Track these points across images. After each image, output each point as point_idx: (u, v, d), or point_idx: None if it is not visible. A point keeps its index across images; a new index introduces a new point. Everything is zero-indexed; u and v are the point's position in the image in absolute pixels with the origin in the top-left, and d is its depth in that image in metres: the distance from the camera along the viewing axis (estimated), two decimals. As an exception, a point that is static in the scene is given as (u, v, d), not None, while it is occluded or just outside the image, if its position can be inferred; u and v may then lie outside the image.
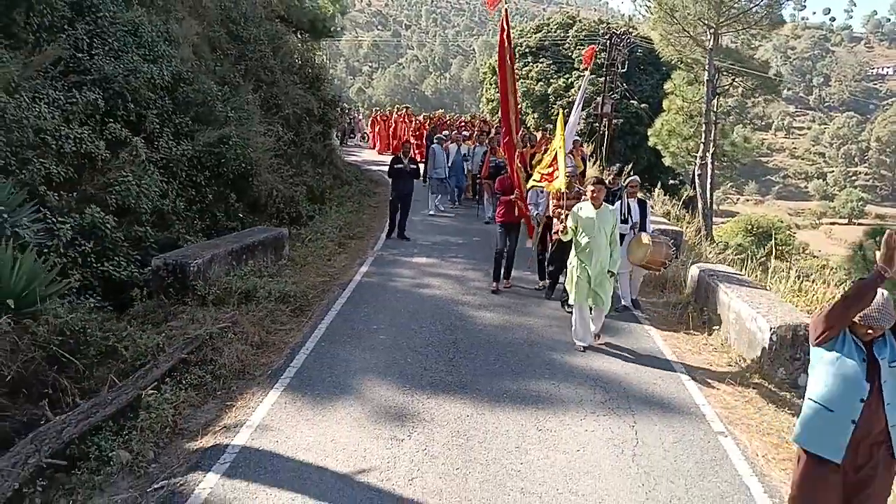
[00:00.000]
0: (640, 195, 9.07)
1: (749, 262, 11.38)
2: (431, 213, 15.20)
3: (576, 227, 7.24)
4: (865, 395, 3.34)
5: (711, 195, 28.11)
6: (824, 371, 3.50)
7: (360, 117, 37.15)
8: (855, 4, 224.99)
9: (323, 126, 19.19)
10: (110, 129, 9.96)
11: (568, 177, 8.47)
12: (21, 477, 4.37)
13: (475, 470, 4.77)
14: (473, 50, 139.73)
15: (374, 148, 28.66)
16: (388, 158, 14.62)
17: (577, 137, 14.84)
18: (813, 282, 14.39)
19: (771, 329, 6.50)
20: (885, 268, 3.23)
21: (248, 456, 4.84)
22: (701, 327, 8.26)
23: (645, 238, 8.34)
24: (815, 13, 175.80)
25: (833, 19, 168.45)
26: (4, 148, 8.12)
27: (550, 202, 8.94)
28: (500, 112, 10.20)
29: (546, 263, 9.50)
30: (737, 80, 30.59)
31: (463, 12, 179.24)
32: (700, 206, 26.52)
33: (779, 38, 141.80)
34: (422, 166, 17.17)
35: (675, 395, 6.27)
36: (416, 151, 19.10)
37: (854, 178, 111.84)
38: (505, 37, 9.48)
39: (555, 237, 8.67)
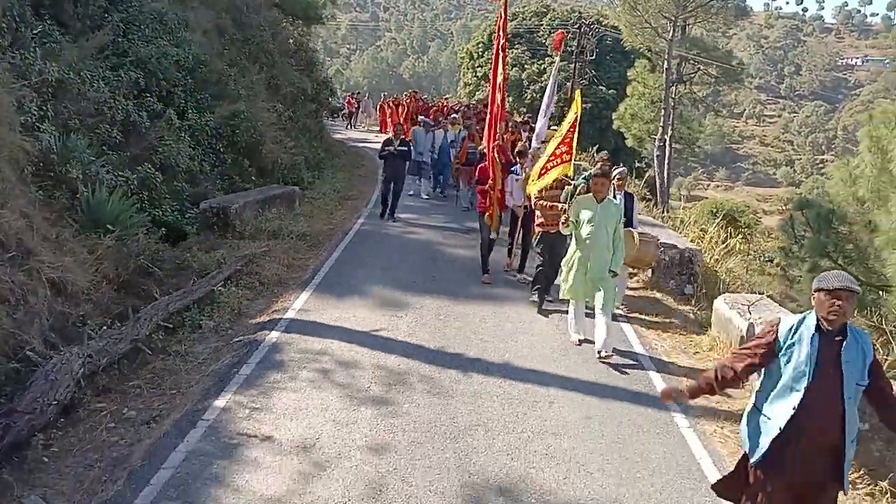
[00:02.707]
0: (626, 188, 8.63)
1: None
2: (411, 192, 15.10)
3: (576, 221, 6.81)
4: (797, 402, 3.22)
5: (669, 174, 30.72)
6: (767, 373, 3.46)
7: (367, 99, 37.57)
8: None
9: (316, 105, 21.33)
10: (148, 103, 11.96)
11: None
12: (149, 327, 6.60)
13: (450, 331, 7.14)
14: (451, 34, 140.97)
15: (384, 132, 27.01)
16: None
17: (554, 126, 13.71)
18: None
19: (662, 251, 8.89)
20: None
21: (297, 323, 7.12)
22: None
23: (633, 236, 7.86)
24: (788, 3, 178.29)
25: (805, 10, 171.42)
26: (74, 116, 10.14)
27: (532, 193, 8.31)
28: (489, 98, 9.89)
29: (526, 254, 9.39)
30: (702, 68, 33.08)
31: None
32: (658, 184, 29.12)
33: (752, 28, 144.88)
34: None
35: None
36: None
37: (821, 165, 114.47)
38: (502, 25, 9.55)
39: (537, 230, 8.14)
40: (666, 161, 29.76)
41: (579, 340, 7.08)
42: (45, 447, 4.79)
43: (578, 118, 7.95)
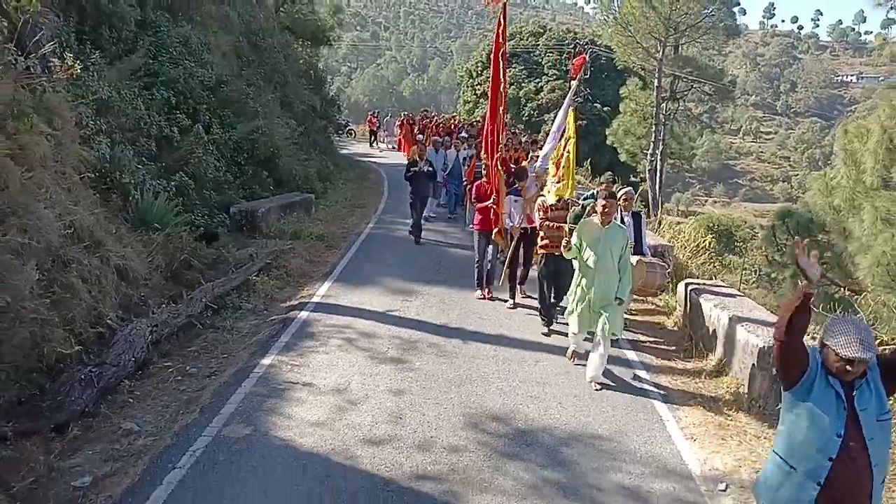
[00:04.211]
0: (633, 208, 8.45)
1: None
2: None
3: (580, 245, 6.44)
4: (835, 453, 2.90)
5: (660, 189, 32.08)
6: (791, 421, 3.09)
7: (390, 119, 34.29)
8: (822, 14, 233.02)
9: (325, 121, 22.71)
10: (178, 119, 13.23)
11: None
12: (200, 306, 7.82)
13: (453, 312, 8.37)
14: (451, 52, 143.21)
15: (401, 151, 26.49)
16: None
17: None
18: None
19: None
20: (807, 284, 2.94)
21: (322, 305, 8.36)
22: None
23: (636, 263, 7.55)
24: (783, 21, 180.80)
25: (801, 27, 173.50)
26: (117, 130, 11.40)
27: (536, 214, 8.14)
28: (487, 109, 9.49)
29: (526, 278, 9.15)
30: (695, 86, 34.50)
31: (440, 14, 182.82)
32: (650, 197, 30.45)
33: (748, 45, 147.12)
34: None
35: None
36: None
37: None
38: (501, 31, 9.07)
39: (540, 252, 7.94)
40: (658, 175, 31.12)
41: (574, 354, 7.01)
42: (129, 392, 6.00)
43: (573, 138, 8.11)
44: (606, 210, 6.34)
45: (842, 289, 14.81)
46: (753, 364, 6.09)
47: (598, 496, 4.56)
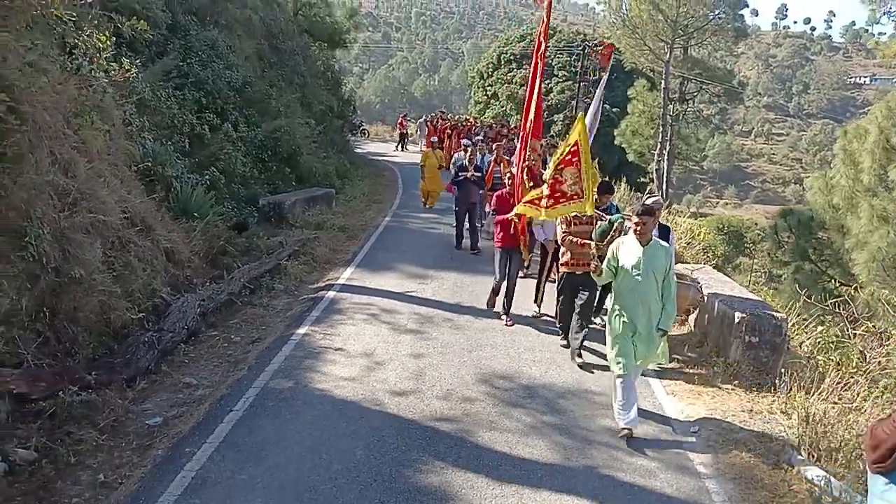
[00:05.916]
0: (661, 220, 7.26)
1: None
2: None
3: (616, 269, 5.62)
4: None
5: (666, 188, 32.88)
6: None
7: (423, 121, 31.03)
8: (834, 15, 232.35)
9: (342, 121, 23.66)
10: (207, 118, 14.17)
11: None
12: (238, 285, 8.73)
13: (465, 293, 9.25)
14: (462, 53, 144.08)
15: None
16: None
17: None
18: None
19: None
20: None
21: (347, 287, 9.25)
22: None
23: None
24: (796, 22, 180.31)
25: (813, 29, 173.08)
26: (154, 128, 12.33)
27: (558, 228, 7.31)
28: (522, 112, 8.95)
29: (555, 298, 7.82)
30: (704, 87, 35.26)
31: (452, 15, 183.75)
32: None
33: (760, 47, 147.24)
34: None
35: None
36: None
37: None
38: (543, 30, 8.72)
39: (563, 269, 7.29)
40: (664, 175, 31.93)
41: (629, 432, 5.46)
42: (184, 355, 6.92)
43: (581, 145, 6.90)
44: (641, 230, 5.47)
45: (843, 286, 15.41)
46: (729, 334, 6.94)
47: (587, 435, 5.43)
